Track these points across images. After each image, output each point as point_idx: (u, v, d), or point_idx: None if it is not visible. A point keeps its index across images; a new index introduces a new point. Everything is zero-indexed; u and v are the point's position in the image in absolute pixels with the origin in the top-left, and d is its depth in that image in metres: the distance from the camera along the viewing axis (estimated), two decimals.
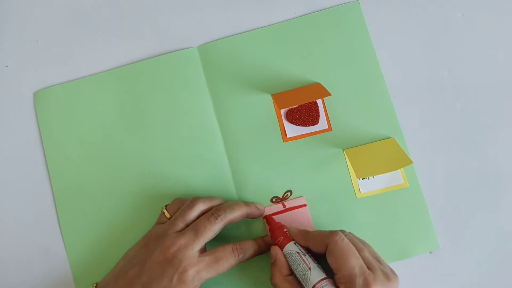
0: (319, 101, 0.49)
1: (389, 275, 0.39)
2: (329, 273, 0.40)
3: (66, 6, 0.52)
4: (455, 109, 0.50)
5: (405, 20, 0.51)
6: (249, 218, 0.46)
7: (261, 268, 0.47)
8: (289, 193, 0.48)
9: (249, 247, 0.44)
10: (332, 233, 0.40)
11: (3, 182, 0.50)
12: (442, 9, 0.52)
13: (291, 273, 0.42)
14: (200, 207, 0.44)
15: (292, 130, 0.49)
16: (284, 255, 0.42)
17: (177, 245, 0.41)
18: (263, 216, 0.47)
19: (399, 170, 0.48)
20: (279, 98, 0.49)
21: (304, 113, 0.49)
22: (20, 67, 0.52)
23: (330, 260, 0.39)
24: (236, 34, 0.51)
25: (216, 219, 0.42)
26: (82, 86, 0.51)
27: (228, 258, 0.42)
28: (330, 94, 0.47)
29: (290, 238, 0.43)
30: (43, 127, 0.50)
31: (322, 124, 0.49)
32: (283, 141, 0.49)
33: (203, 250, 0.42)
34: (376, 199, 0.48)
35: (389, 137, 0.49)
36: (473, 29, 0.51)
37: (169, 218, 0.44)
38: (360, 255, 0.39)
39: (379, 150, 0.48)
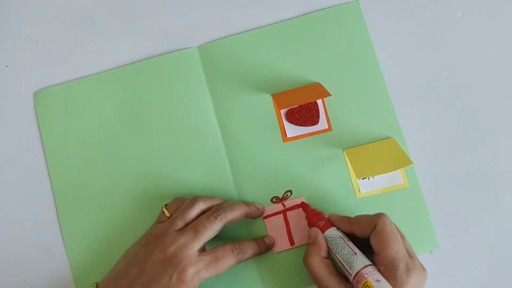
0: (319, 101, 0.49)
1: (423, 266, 0.39)
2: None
3: (66, 6, 0.53)
4: (455, 109, 0.50)
5: (405, 20, 0.51)
6: (249, 218, 0.46)
7: (261, 267, 0.47)
8: (289, 193, 0.48)
9: (249, 247, 0.44)
10: (381, 215, 0.41)
11: (3, 182, 0.50)
12: (442, 9, 0.52)
13: (328, 257, 0.41)
14: (200, 206, 0.44)
15: (292, 130, 0.49)
16: (325, 239, 0.42)
17: (177, 244, 0.41)
18: (301, 203, 0.47)
19: (399, 170, 0.48)
20: (279, 98, 0.49)
21: (304, 113, 0.49)
22: (20, 67, 0.52)
23: (374, 240, 0.40)
24: (236, 34, 0.51)
25: (216, 218, 0.42)
26: (82, 86, 0.51)
27: (227, 258, 0.42)
28: (330, 94, 0.47)
29: (331, 224, 0.43)
30: (43, 127, 0.50)
31: (322, 124, 0.49)
32: (283, 141, 0.49)
33: (203, 250, 0.42)
34: (376, 199, 0.48)
35: (389, 137, 0.49)
36: (473, 29, 0.51)
37: (169, 217, 0.44)
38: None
39: (379, 150, 0.48)
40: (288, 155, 0.49)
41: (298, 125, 0.49)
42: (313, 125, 0.49)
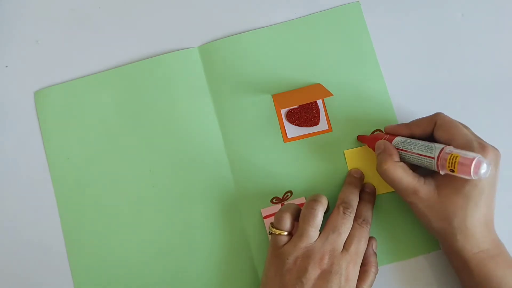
0: (319, 102, 0.49)
1: (494, 146, 0.41)
2: None
3: (66, 6, 0.52)
4: (455, 109, 0.50)
5: (405, 20, 0.51)
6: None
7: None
8: (289, 194, 0.48)
9: (367, 209, 0.45)
10: (438, 112, 0.43)
11: (4, 182, 0.50)
12: (442, 9, 0.51)
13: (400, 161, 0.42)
14: (321, 211, 0.42)
15: (292, 130, 0.49)
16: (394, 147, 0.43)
17: (328, 252, 0.41)
18: (357, 137, 0.49)
19: None
20: (279, 99, 0.49)
21: (304, 114, 0.49)
22: (20, 67, 0.52)
23: (441, 132, 0.42)
24: (237, 34, 0.51)
25: (350, 215, 0.43)
26: (83, 86, 0.51)
27: (363, 235, 0.43)
28: (332, 94, 0.47)
29: (393, 135, 0.44)
30: (44, 126, 0.50)
31: (323, 124, 0.49)
32: (284, 142, 0.49)
33: None
34: (377, 200, 0.48)
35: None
36: (473, 29, 0.51)
37: (288, 234, 0.43)
38: None
39: None
40: (288, 155, 0.49)
41: (299, 126, 0.49)
42: (314, 125, 0.49)
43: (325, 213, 0.43)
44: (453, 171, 0.38)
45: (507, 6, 0.52)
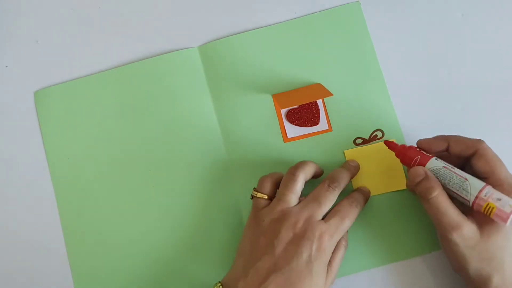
0: (319, 102, 0.49)
1: None
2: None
3: (66, 6, 0.52)
4: (455, 109, 0.50)
5: (405, 20, 0.51)
6: None
7: None
8: None
9: (359, 197, 0.44)
10: (480, 140, 0.42)
11: (4, 182, 0.50)
12: (442, 9, 0.51)
13: None
14: (302, 178, 0.43)
15: (292, 130, 0.49)
16: None
17: (303, 218, 0.40)
18: (384, 142, 0.45)
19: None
20: (279, 98, 0.49)
21: (304, 113, 0.49)
22: (20, 67, 0.52)
23: (481, 163, 0.40)
24: (237, 34, 0.51)
25: (334, 189, 0.42)
26: (83, 86, 0.51)
27: (350, 215, 0.42)
28: (332, 94, 0.47)
29: (429, 156, 0.41)
30: (44, 126, 0.50)
31: (323, 124, 0.49)
32: (284, 142, 0.49)
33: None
34: (377, 201, 0.48)
35: (390, 139, 0.49)
36: (473, 29, 0.51)
37: (267, 199, 0.43)
38: None
39: (380, 152, 0.48)
40: (288, 155, 0.49)
41: (299, 126, 0.49)
42: (314, 125, 0.49)
43: None
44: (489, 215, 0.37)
45: (507, 6, 0.51)
